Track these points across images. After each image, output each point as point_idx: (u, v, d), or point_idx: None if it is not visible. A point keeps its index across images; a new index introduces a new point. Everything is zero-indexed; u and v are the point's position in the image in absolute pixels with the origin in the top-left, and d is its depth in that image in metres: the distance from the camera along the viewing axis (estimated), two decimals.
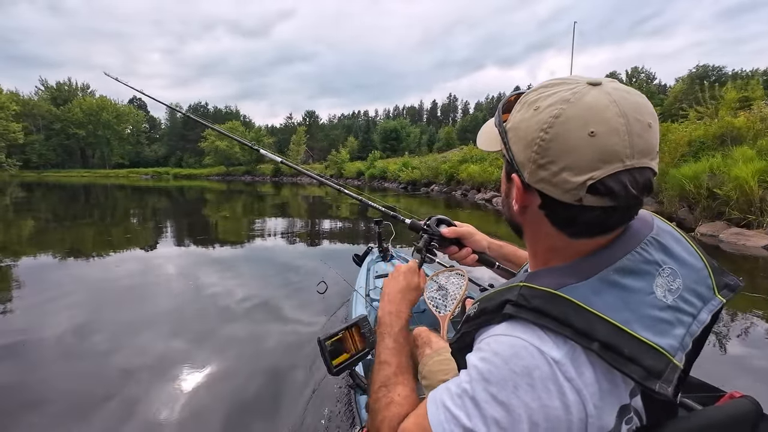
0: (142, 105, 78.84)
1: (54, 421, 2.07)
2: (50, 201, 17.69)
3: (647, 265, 0.49)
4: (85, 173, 57.30)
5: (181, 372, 2.51)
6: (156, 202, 17.05)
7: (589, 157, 0.45)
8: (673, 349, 0.46)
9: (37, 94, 65.25)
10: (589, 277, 0.48)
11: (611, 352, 0.44)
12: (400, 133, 47.98)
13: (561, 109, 0.46)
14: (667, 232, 0.55)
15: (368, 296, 2.31)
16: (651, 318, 0.46)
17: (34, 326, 3.23)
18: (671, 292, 0.49)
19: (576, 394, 0.44)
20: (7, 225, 9.42)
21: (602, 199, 0.46)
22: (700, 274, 0.53)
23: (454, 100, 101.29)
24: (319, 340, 1.00)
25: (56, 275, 4.79)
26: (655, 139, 0.47)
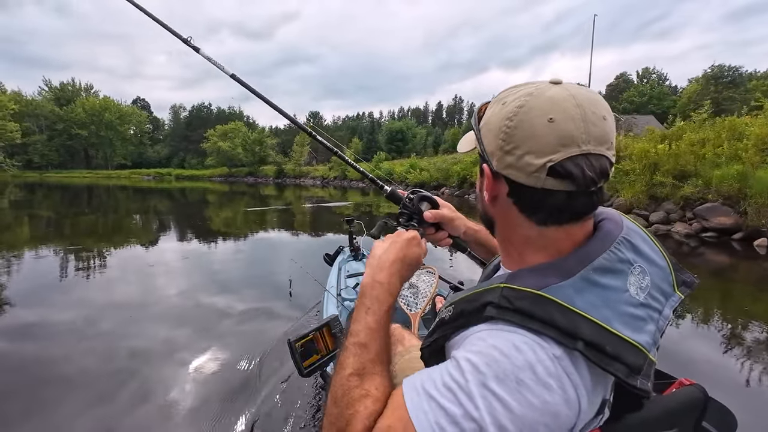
0: (145, 105, 78.50)
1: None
2: (50, 202, 17.19)
3: (621, 264, 0.51)
4: (87, 174, 56.78)
5: (133, 378, 2.43)
6: (155, 204, 16.39)
7: (549, 141, 0.49)
8: (648, 345, 0.47)
9: (40, 95, 64.93)
10: (571, 276, 0.49)
11: (595, 350, 0.44)
12: (406, 134, 46.92)
13: (525, 101, 0.51)
14: (635, 232, 0.56)
15: (339, 296, 2.29)
16: (628, 315, 0.48)
17: (45, 317, 3.41)
18: (642, 289, 0.51)
19: (574, 390, 0.44)
20: (6, 225, 9.50)
21: (562, 182, 0.49)
22: (664, 271, 0.55)
23: (460, 102, 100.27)
24: (289, 342, 1.01)
25: (51, 271, 5.02)
26: (611, 130, 0.51)
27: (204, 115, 71.39)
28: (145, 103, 79.81)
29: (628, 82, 58.49)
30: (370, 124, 68.81)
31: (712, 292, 4.38)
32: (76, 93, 66.45)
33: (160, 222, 10.56)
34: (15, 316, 3.51)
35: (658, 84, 53.38)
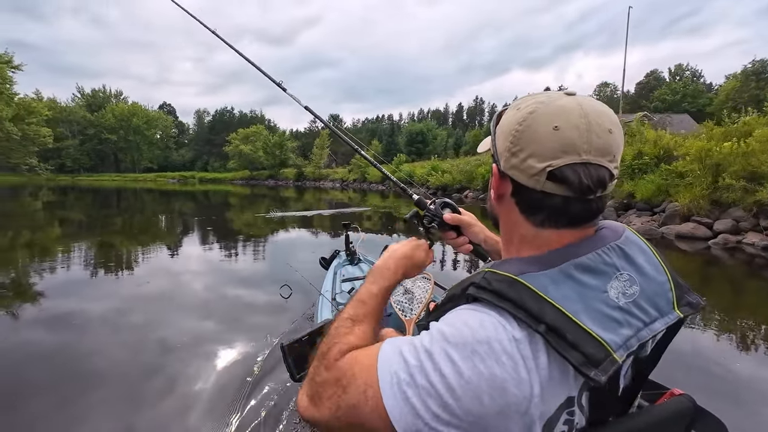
0: (171, 110, 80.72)
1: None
2: (82, 204, 17.86)
3: (605, 266, 0.53)
4: (116, 177, 58.76)
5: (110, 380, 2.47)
6: (178, 207, 16.61)
7: (551, 147, 0.52)
8: (615, 345, 0.48)
9: (73, 101, 67.73)
10: (551, 267, 0.52)
11: (555, 335, 0.46)
12: (426, 135, 46.29)
13: (535, 108, 0.54)
14: (634, 244, 0.57)
15: (334, 300, 2.29)
16: (600, 313, 0.49)
17: (79, 310, 3.67)
18: (625, 295, 0.51)
19: (527, 372, 0.46)
20: (40, 225, 10.12)
21: (560, 186, 0.52)
22: (662, 287, 0.55)
23: (480, 103, 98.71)
24: (282, 346, 1.00)
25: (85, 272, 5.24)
26: (615, 143, 0.53)
27: (227, 119, 72.77)
28: (171, 108, 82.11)
29: (659, 79, 55.96)
30: (389, 126, 68.36)
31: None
32: (106, 99, 69.03)
33: (176, 225, 10.60)
34: (51, 307, 3.78)
35: (692, 81, 50.78)
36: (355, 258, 3.11)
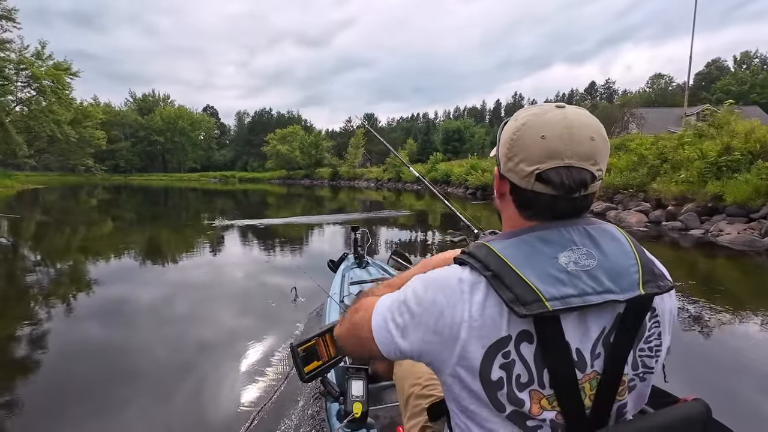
0: (213, 113, 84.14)
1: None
2: (134, 201, 19.14)
3: (562, 240, 0.62)
4: (163, 177, 61.97)
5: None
6: (220, 205, 16.99)
7: (539, 153, 0.61)
8: (548, 294, 0.56)
9: (126, 105, 72.30)
10: (514, 237, 0.64)
11: (496, 279, 0.59)
12: (463, 133, 44.92)
13: (528, 119, 0.64)
14: (606, 232, 0.65)
15: (342, 302, 2.30)
16: (543, 271, 0.58)
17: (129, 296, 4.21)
18: (576, 264, 0.59)
19: (462, 303, 0.61)
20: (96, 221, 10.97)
21: (547, 186, 0.62)
22: (628, 269, 0.61)
23: (520, 100, 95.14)
24: (291, 347, 1.04)
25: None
26: (597, 150, 0.61)
27: (265, 120, 74.73)
28: (214, 110, 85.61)
29: (722, 69, 51.19)
30: (425, 124, 67.30)
31: None
32: (155, 103, 73.00)
33: (210, 223, 10.69)
34: (102, 298, 4.23)
35: (761, 69, 45.91)
36: (363, 261, 3.11)
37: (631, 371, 0.63)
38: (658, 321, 0.65)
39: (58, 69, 30.97)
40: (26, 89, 31.28)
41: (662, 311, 0.65)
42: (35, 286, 4.77)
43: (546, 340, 0.59)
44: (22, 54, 29.80)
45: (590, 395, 0.61)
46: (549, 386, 0.60)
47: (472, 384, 0.61)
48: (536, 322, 0.58)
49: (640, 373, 0.64)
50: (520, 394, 0.60)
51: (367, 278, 2.80)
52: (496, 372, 0.59)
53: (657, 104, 43.69)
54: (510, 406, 0.60)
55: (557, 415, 0.61)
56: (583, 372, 0.60)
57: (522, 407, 0.60)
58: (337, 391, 1.31)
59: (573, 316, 0.59)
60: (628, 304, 0.60)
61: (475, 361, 0.60)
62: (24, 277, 5.24)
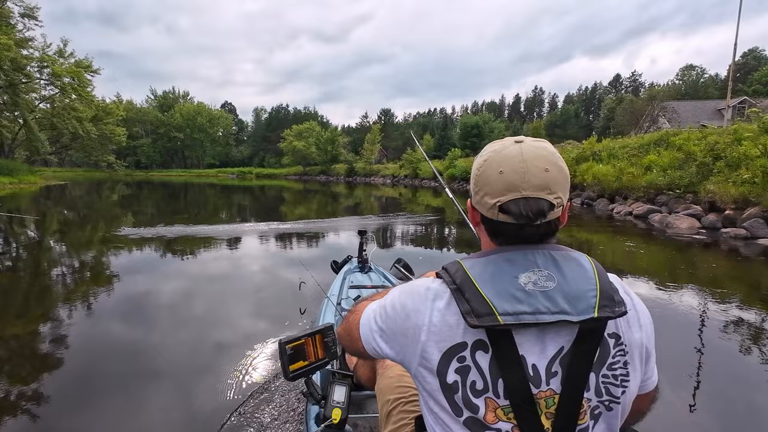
0: (231, 109, 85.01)
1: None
2: (153, 198, 19.03)
3: (524, 261, 0.67)
4: (182, 173, 62.99)
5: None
6: (238, 201, 17.00)
7: (499, 187, 0.68)
8: (501, 309, 0.62)
9: (147, 102, 73.67)
10: (484, 257, 0.71)
11: (459, 292, 0.66)
12: (482, 128, 43.61)
13: (489, 156, 0.71)
14: (572, 259, 0.69)
15: (339, 305, 2.26)
16: (501, 288, 0.64)
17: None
18: (535, 285, 0.64)
19: (425, 308, 0.69)
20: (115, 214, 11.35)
21: (508, 216, 0.68)
22: (586, 294, 0.64)
23: (540, 93, 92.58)
24: (280, 342, 1.04)
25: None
26: (551, 179, 0.66)
27: (282, 116, 74.99)
28: (232, 107, 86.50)
29: (760, 59, 48.23)
30: (442, 119, 66.04)
31: None
32: (175, 100, 74.19)
33: (233, 215, 10.76)
34: (124, 289, 4.25)
35: None
36: (366, 266, 3.09)
37: (595, 397, 0.65)
38: (623, 350, 0.67)
39: (78, 66, 31.45)
40: (49, 87, 31.94)
41: (629, 342, 0.68)
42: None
43: (499, 351, 0.63)
44: (44, 52, 30.41)
45: (546, 413, 0.63)
46: (504, 396, 0.63)
47: (432, 384, 0.67)
48: (489, 334, 0.64)
49: (605, 401, 0.65)
50: (475, 399, 0.64)
51: (367, 284, 2.75)
52: (451, 375, 0.65)
53: (688, 97, 41.59)
54: (466, 411, 0.65)
55: (513, 428, 0.64)
56: (538, 388, 0.63)
57: (477, 413, 0.64)
58: (320, 395, 1.28)
59: (531, 333, 0.64)
60: (582, 325, 0.63)
61: (433, 363, 0.67)
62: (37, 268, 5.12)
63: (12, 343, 3.04)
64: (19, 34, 27.07)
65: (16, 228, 8.80)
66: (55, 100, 32.79)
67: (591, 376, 0.64)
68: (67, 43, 32.10)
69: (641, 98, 44.86)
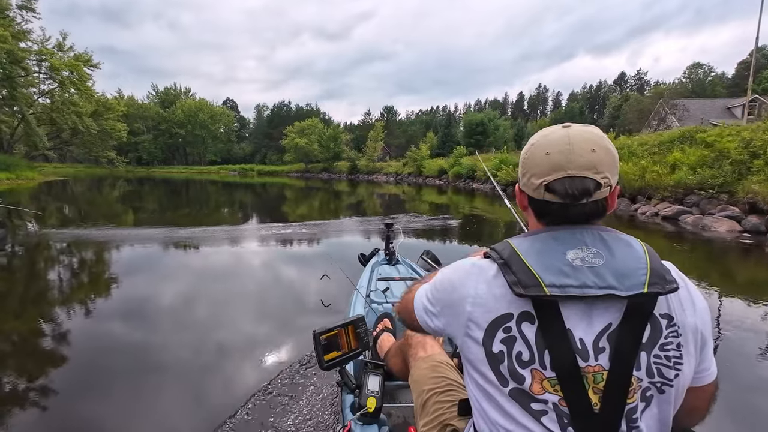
0: (233, 106, 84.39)
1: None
2: (155, 195, 18.62)
3: (572, 239, 0.68)
4: (183, 169, 62.54)
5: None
6: (240, 198, 16.84)
7: (545, 168, 0.70)
8: (548, 281, 0.64)
9: (148, 98, 73.15)
10: (532, 236, 0.73)
11: (506, 266, 0.68)
12: (487, 126, 43.01)
13: (536, 140, 0.74)
14: (621, 239, 0.70)
15: (368, 297, 2.31)
16: (548, 263, 0.66)
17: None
18: (583, 261, 0.65)
19: (470, 282, 0.73)
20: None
21: (554, 195, 0.70)
22: (636, 271, 0.65)
23: (544, 91, 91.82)
24: (314, 333, 1.09)
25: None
26: (598, 159, 0.68)
27: (284, 113, 74.35)
28: (234, 103, 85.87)
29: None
30: (445, 117, 65.38)
31: None
32: (177, 96, 73.59)
33: (236, 213, 11.05)
34: (125, 288, 4.09)
35: None
36: (393, 258, 3.12)
37: (646, 377, 0.64)
38: (677, 331, 0.66)
39: (78, 60, 30.86)
40: (48, 81, 31.39)
41: (683, 324, 0.67)
42: None
43: (545, 322, 0.64)
44: (43, 45, 29.80)
45: (594, 387, 0.63)
46: (550, 368, 0.64)
47: (477, 353, 0.69)
48: (536, 305, 0.65)
49: (657, 383, 0.65)
50: (521, 370, 0.65)
51: (395, 275, 2.76)
52: (497, 345, 0.67)
53: (695, 95, 40.94)
54: (512, 381, 0.66)
55: (560, 400, 0.64)
56: (586, 362, 0.63)
57: (523, 384, 0.65)
58: (354, 384, 1.30)
59: (577, 307, 0.64)
60: (630, 301, 0.63)
61: (479, 333, 0.69)
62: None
63: (19, 341, 2.99)
64: (17, 27, 26.55)
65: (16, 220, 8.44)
66: (54, 95, 32.15)
67: (642, 356, 0.64)
68: (66, 37, 31.52)
69: (647, 96, 44.16)
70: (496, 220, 9.89)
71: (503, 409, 0.67)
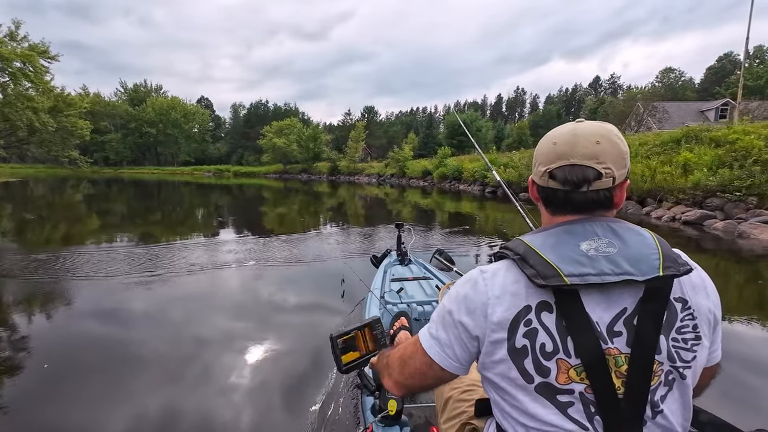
0: (208, 104, 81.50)
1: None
2: (125, 196, 17.38)
3: (584, 231, 0.69)
4: (155, 170, 59.69)
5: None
6: (215, 201, 15.95)
7: (550, 156, 0.73)
8: (567, 271, 0.64)
9: (116, 96, 69.47)
10: (544, 231, 0.74)
11: (522, 260, 0.69)
12: (469, 127, 42.86)
13: (549, 133, 0.77)
14: (630, 229, 0.71)
15: (383, 298, 2.30)
16: (564, 254, 0.67)
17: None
18: (597, 251, 0.66)
19: (484, 286, 0.71)
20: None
21: (556, 182, 0.72)
22: (648, 257, 0.66)
23: (522, 94, 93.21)
24: (331, 337, 1.06)
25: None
26: (601, 150, 0.69)
27: (261, 113, 72.24)
28: (208, 102, 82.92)
29: (735, 63, 49.46)
30: (426, 118, 65.05)
31: None
32: (147, 93, 70.25)
33: (220, 219, 10.28)
34: (99, 299, 3.93)
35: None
36: (405, 259, 3.13)
37: (667, 361, 0.65)
38: (692, 314, 0.67)
39: (33, 51, 28.44)
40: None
41: (697, 306, 0.68)
42: None
43: (566, 310, 0.65)
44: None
45: (617, 371, 0.64)
46: (575, 355, 0.64)
47: (501, 355, 0.68)
48: (556, 294, 0.66)
49: (678, 367, 0.66)
50: (546, 362, 0.65)
51: (408, 275, 2.78)
52: (520, 340, 0.67)
53: (668, 99, 42.09)
54: (537, 376, 0.66)
55: (587, 388, 0.64)
56: (606, 345, 0.64)
57: (548, 376, 0.65)
58: (374, 386, 1.27)
59: (595, 293, 0.65)
60: (648, 285, 0.65)
61: (502, 332, 0.68)
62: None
63: None
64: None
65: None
66: (6, 88, 29.48)
67: (661, 340, 0.65)
68: (19, 26, 28.98)
69: (621, 99, 45.05)
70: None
71: (527, 408, 0.67)
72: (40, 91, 29.68)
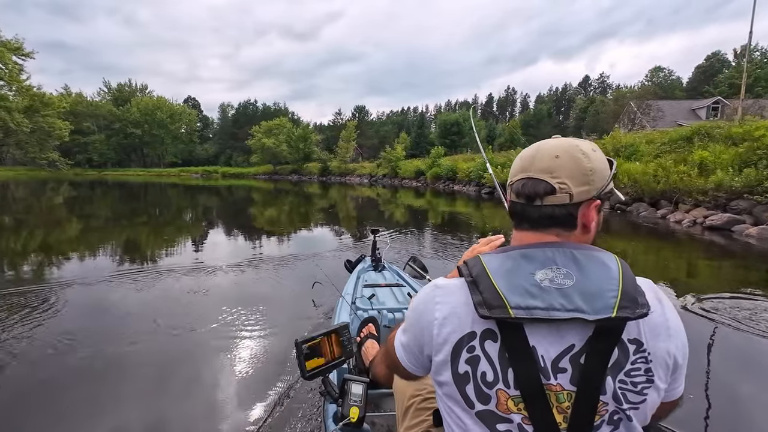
0: (195, 104, 79.90)
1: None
2: (109, 199, 16.21)
3: (543, 258, 0.67)
4: (141, 172, 58.12)
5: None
6: (203, 203, 14.83)
7: (514, 170, 0.76)
8: (514, 303, 0.63)
9: (99, 95, 67.62)
10: (504, 252, 0.72)
11: (473, 285, 0.67)
12: (462, 126, 42.49)
13: (523, 151, 0.79)
14: (596, 259, 0.68)
15: (354, 304, 2.30)
16: (516, 283, 0.65)
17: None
18: (551, 282, 0.64)
19: (435, 304, 0.72)
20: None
21: (515, 195, 0.75)
22: (605, 294, 0.63)
23: (513, 93, 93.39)
24: (296, 342, 1.06)
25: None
26: (558, 165, 0.69)
27: (250, 113, 71.02)
28: (196, 102, 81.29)
29: (723, 62, 49.96)
30: (418, 118, 64.56)
31: None
32: (132, 93, 68.50)
33: (202, 220, 9.95)
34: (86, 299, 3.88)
35: (764, 63, 44.62)
36: (379, 265, 3.12)
37: (612, 402, 0.63)
38: (646, 358, 0.64)
39: (4, 47, 27.10)
40: None
41: (653, 350, 0.65)
42: None
43: (509, 341, 0.64)
44: None
45: (558, 407, 0.63)
46: (514, 387, 0.63)
47: (446, 376, 0.68)
48: (500, 324, 0.64)
49: (625, 409, 0.64)
50: (487, 390, 0.65)
51: (381, 282, 2.76)
52: (462, 366, 0.66)
53: (658, 97, 42.29)
54: (478, 403, 0.66)
55: (524, 419, 0.64)
56: (548, 380, 0.63)
57: (488, 404, 0.65)
58: (337, 393, 1.26)
59: (542, 327, 0.64)
60: (598, 324, 0.62)
61: (446, 354, 0.68)
62: None
63: None
64: None
65: None
66: None
67: (608, 380, 0.63)
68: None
69: (611, 99, 45.18)
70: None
71: (469, 431, 0.67)
72: (15, 90, 28.32)
